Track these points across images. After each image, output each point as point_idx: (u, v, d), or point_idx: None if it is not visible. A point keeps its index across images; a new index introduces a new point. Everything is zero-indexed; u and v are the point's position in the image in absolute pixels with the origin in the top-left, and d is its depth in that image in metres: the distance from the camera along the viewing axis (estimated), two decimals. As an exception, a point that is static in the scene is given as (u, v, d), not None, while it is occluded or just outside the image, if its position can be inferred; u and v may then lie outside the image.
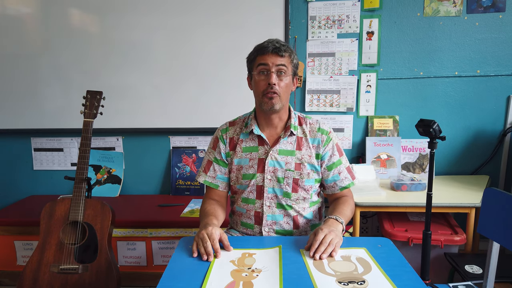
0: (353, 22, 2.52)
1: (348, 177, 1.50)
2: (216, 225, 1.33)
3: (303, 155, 1.45)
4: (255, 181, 1.47)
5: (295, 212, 1.48)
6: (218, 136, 1.53)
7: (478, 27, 2.45)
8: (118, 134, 2.75)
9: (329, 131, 1.49)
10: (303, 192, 1.47)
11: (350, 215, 1.46)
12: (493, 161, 2.57)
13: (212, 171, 1.53)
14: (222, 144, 1.51)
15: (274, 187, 1.46)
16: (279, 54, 1.37)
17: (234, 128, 1.53)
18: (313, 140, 1.47)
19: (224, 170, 1.52)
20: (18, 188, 2.83)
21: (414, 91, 2.56)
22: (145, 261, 2.34)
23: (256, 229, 1.50)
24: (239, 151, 1.49)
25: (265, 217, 1.48)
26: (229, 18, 2.50)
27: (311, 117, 1.53)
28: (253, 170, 1.46)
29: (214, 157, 1.53)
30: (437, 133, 1.64)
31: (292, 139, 1.47)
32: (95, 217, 1.84)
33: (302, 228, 1.51)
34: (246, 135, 1.49)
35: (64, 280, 1.78)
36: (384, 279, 1.07)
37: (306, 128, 1.48)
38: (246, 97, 1.63)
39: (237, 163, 1.49)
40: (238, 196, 1.53)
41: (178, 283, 1.07)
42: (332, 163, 1.48)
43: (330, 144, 1.47)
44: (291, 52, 1.41)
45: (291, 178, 1.45)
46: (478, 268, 1.80)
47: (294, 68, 1.43)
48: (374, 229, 2.73)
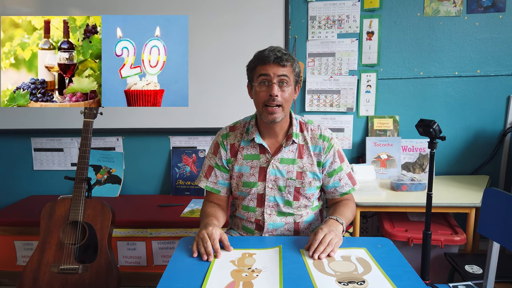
0: (353, 22, 2.52)
1: (349, 183, 1.49)
2: (216, 225, 1.33)
3: (304, 164, 1.44)
4: (256, 190, 1.46)
5: (297, 218, 1.49)
6: (218, 142, 1.51)
7: (478, 27, 2.45)
8: (118, 134, 2.75)
9: (331, 137, 1.46)
10: (305, 200, 1.47)
11: (351, 218, 1.45)
12: (493, 161, 2.57)
13: (213, 176, 1.51)
14: (223, 151, 1.49)
15: (275, 196, 1.45)
16: (281, 64, 1.33)
17: (234, 134, 1.50)
18: (314, 148, 1.45)
19: (226, 176, 1.51)
20: (18, 188, 2.84)
21: (414, 91, 2.56)
22: (145, 261, 2.34)
23: (256, 234, 1.51)
24: (240, 158, 1.47)
25: (266, 224, 1.47)
26: (229, 18, 2.50)
27: (313, 122, 1.49)
28: (254, 179, 1.45)
29: (215, 163, 1.51)
30: (437, 133, 1.64)
31: (293, 147, 1.45)
32: (95, 217, 1.84)
33: (303, 233, 1.51)
34: (247, 142, 1.47)
35: (64, 280, 1.78)
36: (384, 279, 1.07)
37: (308, 135, 1.46)
38: (246, 97, 1.62)
39: (238, 170, 1.47)
40: (239, 203, 1.53)
41: (178, 283, 1.07)
42: (333, 170, 1.46)
43: (331, 151, 1.45)
44: (293, 61, 1.38)
45: (293, 187, 1.45)
46: (478, 268, 1.80)
47: (296, 77, 1.39)
48: (374, 229, 2.73)
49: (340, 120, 2.63)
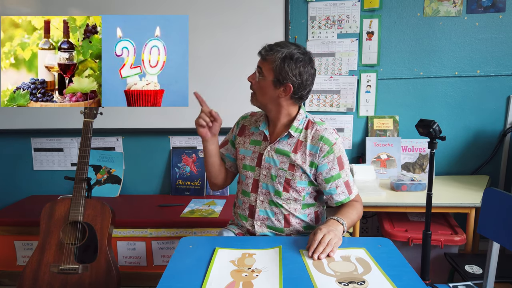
0: (353, 22, 2.52)
1: (345, 192, 1.47)
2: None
3: (297, 159, 1.44)
4: (252, 174, 1.53)
5: (286, 211, 1.49)
6: (237, 121, 1.66)
7: (478, 27, 2.45)
8: (118, 134, 2.75)
9: (334, 142, 1.43)
10: (295, 193, 1.47)
11: (355, 219, 1.44)
12: (493, 161, 2.57)
13: (224, 149, 1.66)
14: (236, 128, 1.64)
15: (267, 184, 1.49)
16: (262, 58, 1.43)
17: (251, 119, 1.62)
18: (311, 147, 1.44)
19: (233, 151, 1.64)
20: (18, 188, 2.83)
21: (414, 91, 2.56)
22: (145, 261, 2.34)
23: (249, 221, 1.54)
24: (247, 142, 1.57)
25: (257, 211, 1.51)
26: (229, 18, 2.50)
27: (323, 124, 1.48)
28: (253, 163, 1.53)
29: (229, 138, 1.66)
30: (437, 133, 1.64)
31: (292, 141, 1.46)
32: (95, 217, 1.84)
33: (294, 227, 1.51)
34: (256, 129, 1.57)
35: (64, 280, 1.78)
36: (384, 279, 1.07)
37: (310, 133, 1.45)
38: (246, 97, 1.62)
39: (242, 153, 1.57)
40: (239, 187, 1.61)
41: (178, 283, 1.07)
42: (330, 176, 1.44)
43: (331, 157, 1.43)
44: (275, 58, 1.37)
45: (283, 178, 1.46)
46: (478, 268, 1.80)
47: (277, 74, 1.38)
48: (374, 229, 2.73)
49: (340, 120, 2.63)
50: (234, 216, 1.67)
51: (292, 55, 1.37)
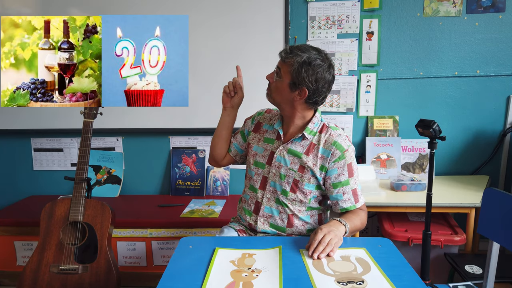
0: (353, 22, 2.52)
1: (351, 200, 1.46)
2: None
3: (308, 161, 1.45)
4: (262, 171, 1.54)
5: (291, 211, 1.49)
6: (253, 116, 1.68)
7: (478, 27, 2.45)
8: (118, 134, 2.75)
9: (346, 149, 1.43)
10: (301, 195, 1.48)
11: (358, 225, 1.43)
12: (493, 161, 2.57)
13: (233, 138, 1.69)
14: (250, 123, 1.65)
15: (276, 182, 1.50)
16: (281, 59, 1.44)
17: (267, 116, 1.63)
18: (323, 151, 1.44)
19: (242, 143, 1.66)
20: (18, 188, 2.83)
21: (414, 91, 2.56)
22: (145, 261, 2.34)
23: (253, 217, 1.55)
24: (261, 139, 1.58)
25: (263, 207, 1.52)
26: (229, 18, 2.50)
27: (338, 130, 1.49)
28: (264, 160, 1.54)
29: (242, 130, 1.69)
30: (437, 133, 1.64)
31: (305, 143, 1.47)
32: (95, 217, 1.84)
33: (296, 228, 1.51)
34: (271, 127, 1.58)
35: (64, 281, 1.78)
36: (383, 279, 1.07)
37: (323, 137, 1.46)
38: (246, 97, 1.63)
39: (255, 150, 1.59)
40: (247, 182, 1.62)
41: (178, 283, 1.07)
42: (338, 181, 1.44)
43: (342, 162, 1.43)
44: (293, 62, 1.37)
45: (292, 178, 1.47)
46: (478, 268, 1.80)
47: (294, 77, 1.38)
48: (374, 229, 2.73)
49: (340, 120, 2.64)
50: (238, 211, 1.68)
51: (311, 60, 1.37)
